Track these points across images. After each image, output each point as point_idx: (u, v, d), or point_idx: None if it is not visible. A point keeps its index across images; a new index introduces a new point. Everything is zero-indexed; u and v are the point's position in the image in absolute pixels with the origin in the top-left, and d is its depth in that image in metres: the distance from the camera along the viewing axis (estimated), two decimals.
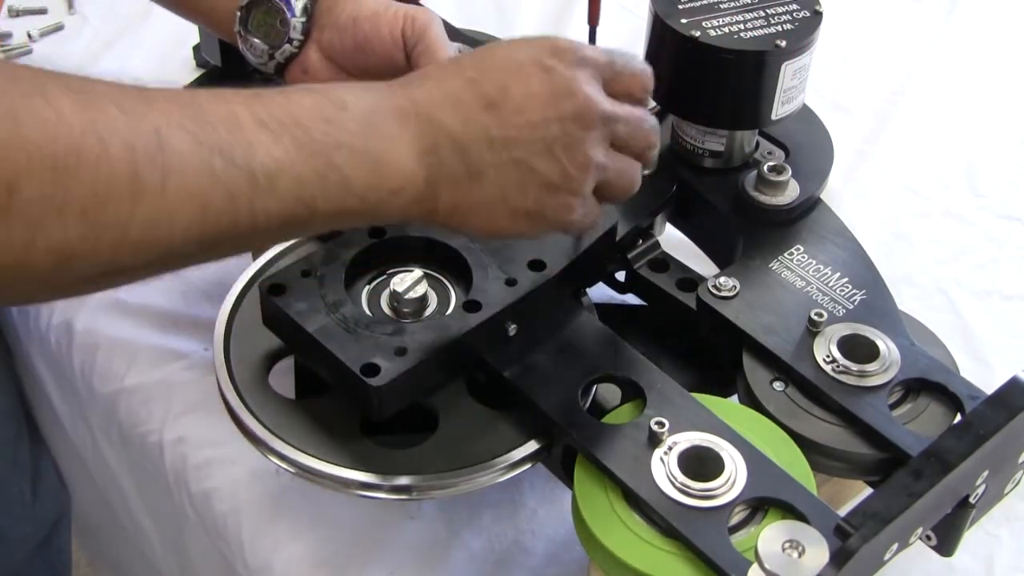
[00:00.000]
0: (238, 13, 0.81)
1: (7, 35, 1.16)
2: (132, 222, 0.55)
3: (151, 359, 0.90)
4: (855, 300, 0.76)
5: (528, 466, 0.72)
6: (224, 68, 0.89)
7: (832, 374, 0.72)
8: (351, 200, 0.62)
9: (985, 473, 0.67)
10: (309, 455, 0.71)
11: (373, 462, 0.71)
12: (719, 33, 0.79)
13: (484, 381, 0.74)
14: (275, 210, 0.60)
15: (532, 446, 0.72)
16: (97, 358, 0.92)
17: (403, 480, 0.70)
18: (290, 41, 0.80)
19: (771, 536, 0.60)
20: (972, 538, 0.74)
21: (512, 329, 0.74)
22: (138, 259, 0.57)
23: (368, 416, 0.71)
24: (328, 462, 0.70)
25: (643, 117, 0.69)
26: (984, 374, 0.74)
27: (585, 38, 0.83)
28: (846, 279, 0.78)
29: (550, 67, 0.66)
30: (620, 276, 0.85)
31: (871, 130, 1.13)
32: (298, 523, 0.80)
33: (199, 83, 1.01)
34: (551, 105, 0.65)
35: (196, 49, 1.06)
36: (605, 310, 0.81)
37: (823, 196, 0.85)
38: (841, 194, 1.01)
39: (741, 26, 0.79)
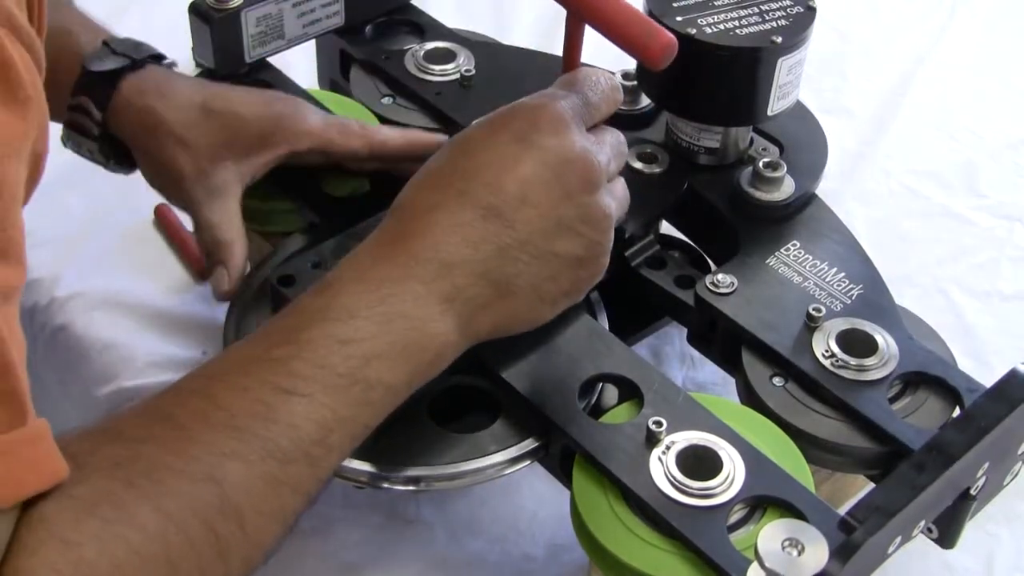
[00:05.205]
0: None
1: None
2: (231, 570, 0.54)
3: (150, 360, 0.90)
4: (852, 295, 0.76)
5: (527, 463, 0.71)
6: (218, 70, 0.89)
7: (831, 369, 0.72)
8: (401, 392, 0.60)
9: (986, 465, 0.66)
10: None
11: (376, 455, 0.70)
12: (715, 30, 0.79)
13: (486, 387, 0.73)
14: (337, 457, 0.58)
15: (530, 443, 0.71)
16: (96, 359, 0.91)
17: (408, 472, 0.69)
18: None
19: (771, 534, 0.59)
20: (972, 538, 0.73)
21: None
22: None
23: None
24: None
25: (619, 140, 0.66)
26: (984, 374, 0.74)
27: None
28: (843, 274, 0.77)
29: (535, 142, 0.61)
30: None
31: (871, 130, 1.12)
32: (298, 528, 0.79)
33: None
34: (555, 183, 0.61)
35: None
36: None
37: (822, 195, 0.85)
38: (841, 194, 1.01)
39: (736, 23, 0.79)
